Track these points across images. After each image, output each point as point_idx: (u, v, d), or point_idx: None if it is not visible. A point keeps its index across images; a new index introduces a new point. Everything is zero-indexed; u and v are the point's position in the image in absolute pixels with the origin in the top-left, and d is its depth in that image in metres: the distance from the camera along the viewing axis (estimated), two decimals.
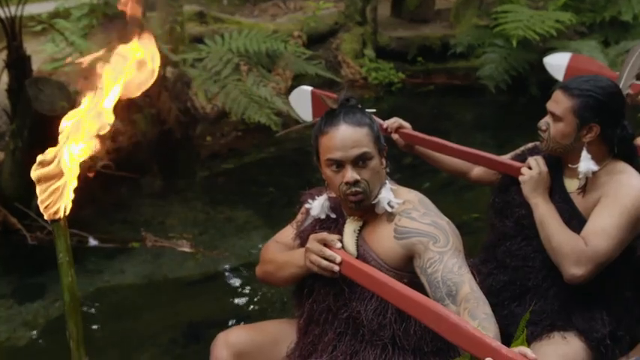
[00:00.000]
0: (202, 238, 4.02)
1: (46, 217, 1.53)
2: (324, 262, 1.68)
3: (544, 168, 2.12)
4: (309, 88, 2.82)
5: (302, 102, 3.06)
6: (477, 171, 2.45)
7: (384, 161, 1.79)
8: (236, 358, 1.89)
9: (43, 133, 3.88)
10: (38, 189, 1.50)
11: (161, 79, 5.60)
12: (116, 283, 3.68)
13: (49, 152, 1.51)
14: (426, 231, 1.68)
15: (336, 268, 1.66)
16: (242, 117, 5.09)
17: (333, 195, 1.84)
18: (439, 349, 1.74)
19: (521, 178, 2.13)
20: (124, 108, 5.44)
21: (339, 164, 1.71)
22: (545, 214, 2.06)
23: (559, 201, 2.11)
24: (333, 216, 1.85)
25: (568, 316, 2.10)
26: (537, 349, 2.03)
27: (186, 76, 5.62)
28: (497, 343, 1.28)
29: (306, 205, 1.91)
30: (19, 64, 4.06)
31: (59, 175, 1.50)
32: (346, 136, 1.70)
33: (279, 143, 5.48)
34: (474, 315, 1.48)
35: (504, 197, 2.23)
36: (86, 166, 4.81)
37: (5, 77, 4.22)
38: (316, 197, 1.89)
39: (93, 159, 4.85)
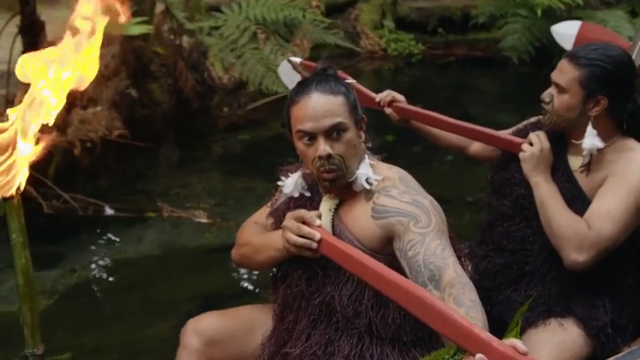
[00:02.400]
0: (219, 209, 3.98)
1: None
2: (301, 240, 1.55)
3: (546, 144, 1.98)
4: (298, 59, 2.71)
5: (291, 74, 2.95)
6: (476, 146, 2.30)
7: (362, 134, 1.65)
8: (207, 345, 1.78)
9: None
10: None
11: (177, 48, 5.54)
12: (133, 253, 3.67)
13: (4, 124, 1.42)
14: (406, 210, 1.55)
15: (314, 245, 1.54)
16: (259, 87, 5.01)
17: (308, 171, 1.70)
18: (419, 339, 1.63)
19: (521, 155, 1.98)
20: (141, 78, 5.42)
21: (311, 136, 1.58)
22: (546, 194, 1.92)
23: (561, 180, 1.97)
24: (308, 194, 1.72)
25: (567, 303, 1.97)
26: (532, 336, 1.92)
27: (203, 46, 5.54)
28: (486, 334, 1.16)
29: (279, 183, 1.78)
30: (32, 29, 3.99)
31: (11, 150, 1.41)
32: (318, 105, 1.57)
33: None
34: (459, 302, 1.36)
35: (503, 175, 2.09)
36: (98, 136, 4.77)
37: (19, 44, 4.17)
38: (290, 174, 1.77)
39: (108, 128, 4.82)
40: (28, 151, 1.43)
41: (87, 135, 4.71)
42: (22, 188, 1.45)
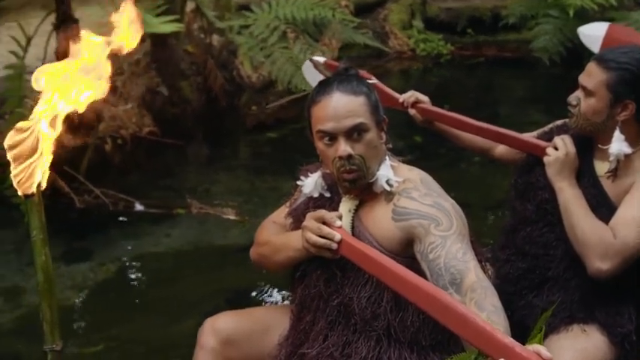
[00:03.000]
0: (247, 207, 4.00)
1: (19, 193, 1.44)
2: (321, 240, 1.54)
3: (572, 149, 1.94)
4: (322, 59, 2.70)
5: (314, 73, 2.95)
6: (501, 149, 2.27)
7: (383, 135, 1.64)
8: (223, 345, 1.78)
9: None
10: (11, 162, 1.41)
11: (207, 46, 5.58)
12: (161, 249, 3.71)
13: (26, 121, 1.42)
14: (427, 213, 1.54)
15: (334, 245, 1.53)
16: (288, 86, 5.03)
17: (328, 171, 1.69)
18: (438, 343, 1.61)
19: (545, 158, 1.96)
20: (171, 76, 5.47)
21: (332, 137, 1.57)
22: (571, 199, 1.89)
23: (587, 185, 1.95)
24: (328, 194, 1.71)
25: (590, 309, 1.94)
26: (554, 343, 1.89)
27: (233, 45, 5.58)
28: (509, 339, 1.15)
29: (298, 182, 1.77)
30: (67, 27, 4.06)
31: (33, 150, 1.40)
32: (339, 106, 1.55)
33: None
34: (481, 306, 1.34)
35: (527, 178, 2.07)
36: (129, 133, 4.83)
37: (54, 41, 4.24)
38: (309, 174, 1.75)
39: (138, 125, 4.88)
40: (48, 149, 1.43)
41: (117, 131, 4.77)
42: (43, 186, 1.44)
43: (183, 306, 3.18)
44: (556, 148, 1.95)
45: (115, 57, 1.48)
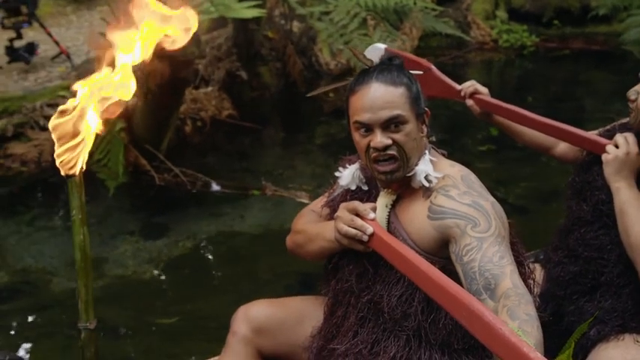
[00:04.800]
0: (320, 191, 4.01)
1: (62, 173, 1.45)
2: (353, 231, 1.48)
3: (634, 148, 1.80)
4: (383, 46, 2.62)
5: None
6: (562, 147, 2.12)
7: (424, 128, 1.55)
8: (255, 333, 1.75)
9: (173, 76, 4.03)
10: (55, 142, 1.43)
11: (287, 32, 5.64)
12: (235, 229, 3.78)
13: (69, 104, 1.44)
14: (464, 212, 1.45)
15: (365, 237, 1.47)
16: None
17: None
18: (471, 347, 1.53)
19: (604, 156, 1.82)
20: (251, 61, 5.54)
21: (368, 128, 1.50)
22: (627, 201, 1.76)
23: None
24: (365, 188, 1.64)
25: None
26: (602, 351, 1.78)
27: (312, 31, 5.61)
28: (535, 355, 1.06)
29: (336, 174, 1.70)
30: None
31: (76, 132, 1.42)
32: (377, 96, 1.48)
33: None
34: (513, 315, 1.26)
35: (585, 177, 1.94)
36: (208, 115, 4.92)
37: None
38: (348, 165, 1.68)
39: (217, 108, 4.98)
40: (93, 131, 1.45)
41: (197, 113, 4.90)
42: (84, 167, 1.46)
43: (255, 285, 3.25)
44: (617, 146, 1.82)
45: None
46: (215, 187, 4.14)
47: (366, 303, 1.56)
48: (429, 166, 1.54)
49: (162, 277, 3.43)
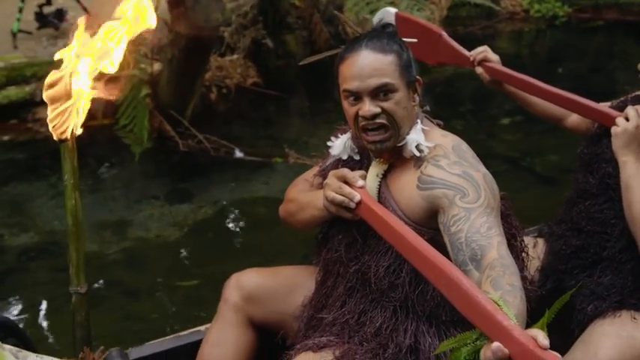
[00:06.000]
0: None
1: (54, 137, 1.44)
2: (339, 197, 1.46)
3: None
4: (394, 10, 2.54)
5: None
6: (574, 119, 2.07)
7: (416, 97, 1.52)
8: (246, 301, 1.74)
9: (199, 43, 4.04)
10: (47, 102, 1.42)
11: (314, 1, 5.59)
12: (258, 195, 3.81)
13: (61, 70, 1.42)
14: (453, 183, 1.42)
15: (352, 205, 1.45)
16: None
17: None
18: (460, 319, 1.47)
19: (613, 129, 1.77)
20: (277, 29, 5.51)
21: (357, 96, 1.47)
22: (633, 175, 1.72)
23: None
24: (357, 157, 1.62)
25: None
26: (597, 328, 1.75)
27: (339, 0, 5.55)
28: (509, 322, 1.05)
29: (328, 143, 1.68)
30: None
31: (67, 95, 1.41)
32: (365, 64, 1.45)
33: (427, 71, 5.32)
34: (497, 285, 1.22)
35: (593, 149, 1.89)
36: (233, 83, 4.92)
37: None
38: (340, 135, 1.65)
39: (243, 75, 4.98)
40: (84, 95, 1.43)
41: (223, 81, 4.90)
42: (77, 132, 1.44)
43: (276, 251, 3.27)
44: (627, 119, 1.77)
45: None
46: (238, 153, 4.16)
47: (355, 273, 1.56)
48: (420, 136, 1.50)
49: (185, 241, 3.47)
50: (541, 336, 1.02)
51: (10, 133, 4.43)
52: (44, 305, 2.92)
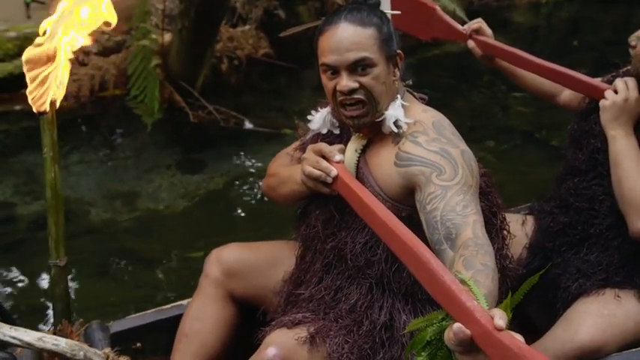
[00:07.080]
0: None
1: (34, 110, 1.41)
2: (316, 172, 1.45)
3: (634, 94, 1.70)
4: None
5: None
6: (567, 94, 2.01)
7: (397, 72, 1.48)
8: (226, 275, 1.73)
9: (208, 13, 4.01)
10: (27, 77, 1.39)
11: None
12: (267, 166, 3.80)
13: (41, 37, 1.39)
14: (430, 160, 1.39)
15: (329, 179, 1.44)
16: None
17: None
18: None
19: (601, 102, 1.73)
20: None
21: (335, 70, 1.43)
22: (622, 150, 1.68)
23: None
24: (337, 132, 1.59)
25: (629, 274, 1.75)
26: (580, 306, 1.73)
27: None
28: (472, 303, 1.03)
29: (308, 117, 1.66)
30: None
31: (47, 61, 1.38)
32: (344, 37, 1.41)
33: (439, 45, 5.25)
34: (469, 264, 1.19)
35: (583, 125, 1.85)
36: (244, 54, 4.88)
37: None
38: (319, 109, 1.63)
39: (254, 47, 4.95)
40: (62, 65, 1.41)
41: (234, 52, 4.88)
42: (57, 105, 1.42)
43: (286, 221, 3.27)
44: (616, 92, 1.73)
45: None
46: (248, 125, 4.16)
47: (331, 249, 1.55)
48: (399, 111, 1.48)
49: (196, 212, 3.49)
50: (497, 316, 0.99)
51: (22, 103, 4.44)
52: (44, 275, 2.96)
